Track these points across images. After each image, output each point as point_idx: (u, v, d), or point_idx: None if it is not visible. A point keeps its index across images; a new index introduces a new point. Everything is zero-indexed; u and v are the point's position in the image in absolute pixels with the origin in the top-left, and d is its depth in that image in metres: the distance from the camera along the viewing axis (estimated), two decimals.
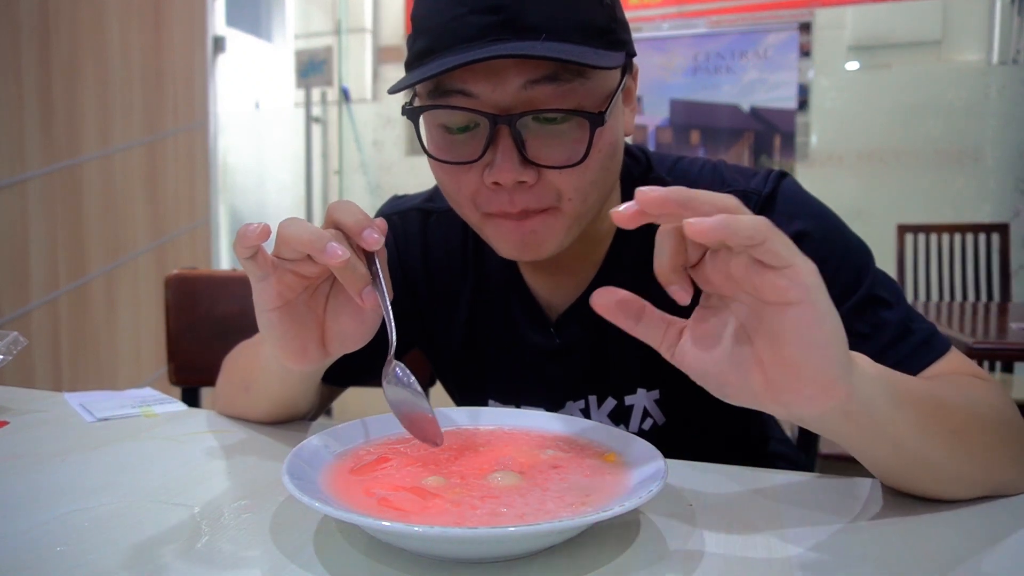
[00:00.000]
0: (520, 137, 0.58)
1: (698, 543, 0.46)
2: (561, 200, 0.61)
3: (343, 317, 0.58)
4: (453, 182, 0.63)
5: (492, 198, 0.61)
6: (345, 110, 4.02)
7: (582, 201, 0.62)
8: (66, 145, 2.73)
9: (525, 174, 0.58)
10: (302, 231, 0.50)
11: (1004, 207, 3.03)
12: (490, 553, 0.43)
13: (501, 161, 0.58)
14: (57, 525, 0.48)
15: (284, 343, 0.56)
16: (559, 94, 0.57)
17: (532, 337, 0.76)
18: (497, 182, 0.59)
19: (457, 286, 0.79)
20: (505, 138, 0.58)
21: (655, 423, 0.75)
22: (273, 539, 0.46)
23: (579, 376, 0.75)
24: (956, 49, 3.22)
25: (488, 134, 0.58)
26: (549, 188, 0.60)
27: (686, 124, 3.30)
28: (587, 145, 0.58)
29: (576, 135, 0.59)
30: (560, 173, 0.59)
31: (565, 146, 0.59)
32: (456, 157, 0.61)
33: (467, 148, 0.60)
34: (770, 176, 0.70)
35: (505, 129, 0.57)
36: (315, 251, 0.50)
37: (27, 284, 2.68)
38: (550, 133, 0.59)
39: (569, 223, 0.63)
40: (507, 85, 0.57)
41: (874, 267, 0.67)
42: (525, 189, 0.59)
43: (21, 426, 0.72)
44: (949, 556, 0.44)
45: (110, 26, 2.80)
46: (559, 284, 0.74)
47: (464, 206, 0.64)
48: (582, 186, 0.61)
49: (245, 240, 0.50)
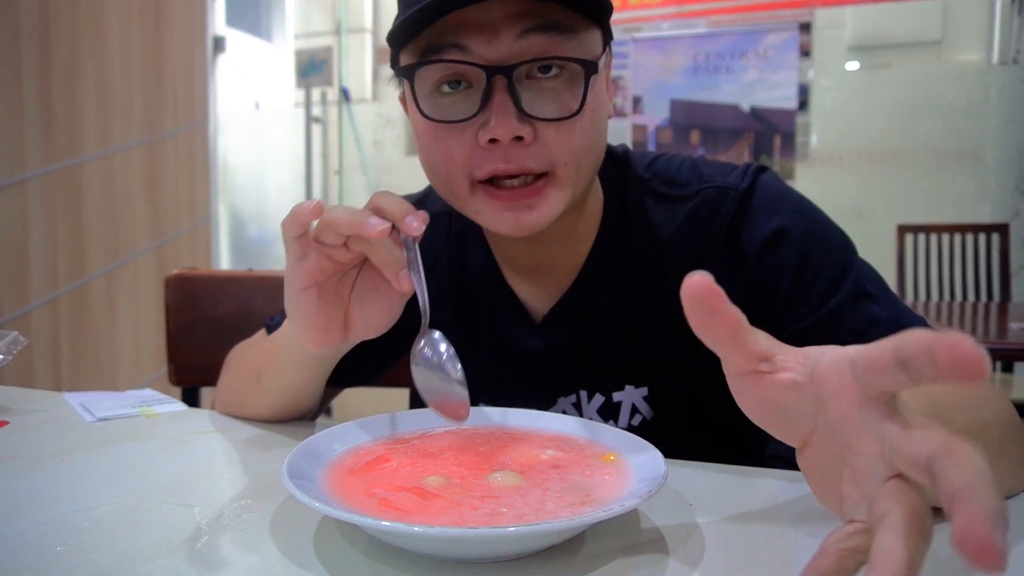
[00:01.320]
0: (516, 91, 0.58)
1: (698, 543, 0.46)
2: (556, 165, 0.61)
3: (368, 303, 0.60)
4: (444, 149, 0.61)
5: (487, 158, 0.60)
6: (345, 110, 4.02)
7: (576, 167, 0.61)
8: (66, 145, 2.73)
9: (522, 129, 0.58)
10: (347, 213, 0.52)
11: (1004, 207, 3.03)
12: (490, 553, 0.43)
13: (498, 115, 0.58)
14: (57, 525, 0.48)
15: (309, 323, 0.58)
16: (552, 45, 0.58)
17: (517, 339, 0.76)
18: (494, 138, 0.58)
19: (443, 288, 0.79)
20: (501, 92, 0.58)
21: (644, 419, 0.75)
22: (273, 539, 0.46)
23: (566, 375, 0.75)
24: (956, 49, 3.22)
25: (484, 89, 0.58)
26: (545, 148, 0.60)
27: (686, 124, 3.30)
28: (583, 96, 0.59)
29: (571, 89, 0.59)
30: (556, 131, 0.59)
31: (561, 100, 0.59)
32: (450, 117, 0.60)
33: (461, 107, 0.60)
34: (748, 171, 0.69)
35: (501, 82, 0.57)
36: (357, 227, 0.52)
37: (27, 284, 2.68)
38: (545, 88, 0.59)
39: (563, 190, 0.62)
40: (501, 37, 0.57)
41: (857, 259, 0.66)
42: (521, 147, 0.59)
43: (21, 426, 0.72)
44: (949, 556, 0.44)
45: (110, 26, 2.80)
46: (542, 286, 0.74)
47: (454, 178, 0.62)
48: (577, 147, 0.61)
49: (300, 218, 0.53)
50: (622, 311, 0.73)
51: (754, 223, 0.67)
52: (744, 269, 0.67)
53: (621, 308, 0.73)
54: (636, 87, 3.32)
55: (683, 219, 0.70)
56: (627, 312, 0.73)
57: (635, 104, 3.32)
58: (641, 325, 0.73)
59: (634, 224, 0.72)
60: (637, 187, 0.72)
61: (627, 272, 0.72)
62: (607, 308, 0.73)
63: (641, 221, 0.71)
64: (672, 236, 0.70)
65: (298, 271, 0.56)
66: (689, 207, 0.70)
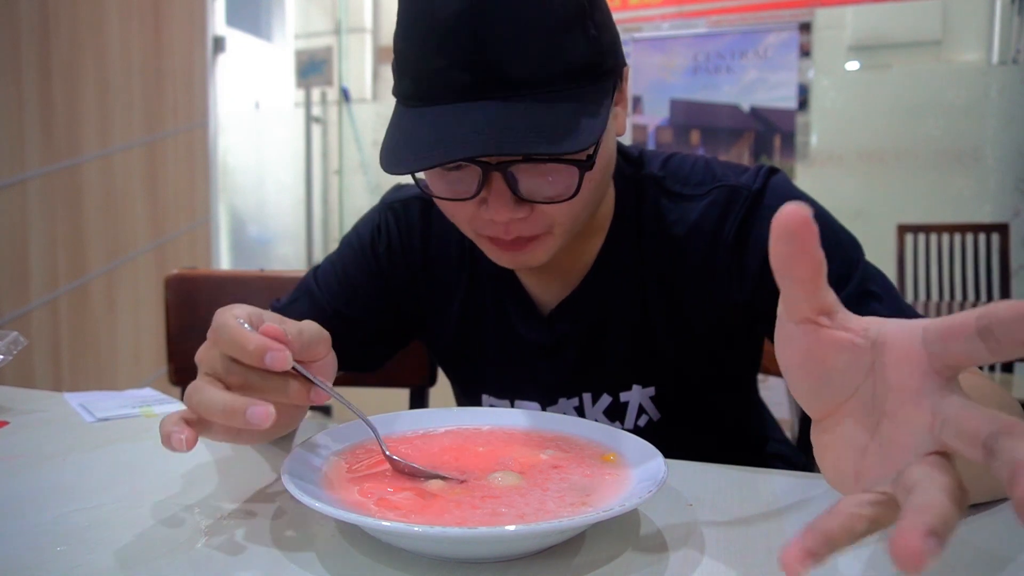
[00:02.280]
0: (513, 178, 0.59)
1: (698, 543, 0.46)
2: (553, 228, 0.64)
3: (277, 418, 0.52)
4: (450, 209, 0.65)
5: (487, 226, 0.63)
6: (345, 110, 4.02)
7: (573, 222, 0.65)
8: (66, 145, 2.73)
9: (519, 211, 0.61)
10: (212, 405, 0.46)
11: (1004, 207, 3.03)
12: (490, 553, 0.43)
13: (495, 203, 0.60)
14: (57, 525, 0.48)
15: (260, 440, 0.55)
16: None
17: (525, 332, 0.76)
18: (492, 219, 0.61)
19: (453, 278, 0.79)
20: (498, 182, 0.59)
21: (651, 419, 0.75)
22: (273, 539, 0.46)
23: (573, 372, 0.75)
24: (956, 49, 3.22)
25: (480, 179, 0.59)
26: (542, 218, 0.62)
27: (686, 124, 3.29)
28: (577, 185, 0.60)
29: (566, 173, 0.60)
30: (553, 205, 0.61)
31: (557, 183, 0.60)
32: (453, 194, 0.63)
33: (463, 186, 0.61)
34: (760, 172, 0.70)
35: (498, 175, 0.59)
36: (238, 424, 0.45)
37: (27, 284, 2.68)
38: (541, 172, 0.60)
39: (559, 242, 0.65)
40: None
41: (864, 261, 0.67)
42: (519, 221, 0.62)
43: (21, 426, 0.72)
44: (949, 555, 0.44)
45: (110, 26, 2.80)
46: (552, 280, 0.75)
47: (461, 226, 0.67)
48: (574, 212, 0.63)
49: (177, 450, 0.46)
50: (631, 308, 0.73)
51: (764, 222, 0.68)
52: (753, 267, 0.67)
53: (631, 305, 0.73)
54: (636, 87, 3.32)
55: (696, 217, 0.70)
56: (636, 309, 0.73)
57: (635, 104, 3.32)
58: (650, 323, 0.73)
59: (646, 222, 0.72)
60: (651, 185, 0.73)
61: (638, 269, 0.73)
62: (616, 304, 0.73)
63: (653, 219, 0.72)
64: (684, 235, 0.70)
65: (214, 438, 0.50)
66: (702, 206, 0.70)
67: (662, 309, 0.72)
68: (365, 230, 0.82)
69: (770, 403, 0.94)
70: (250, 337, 0.47)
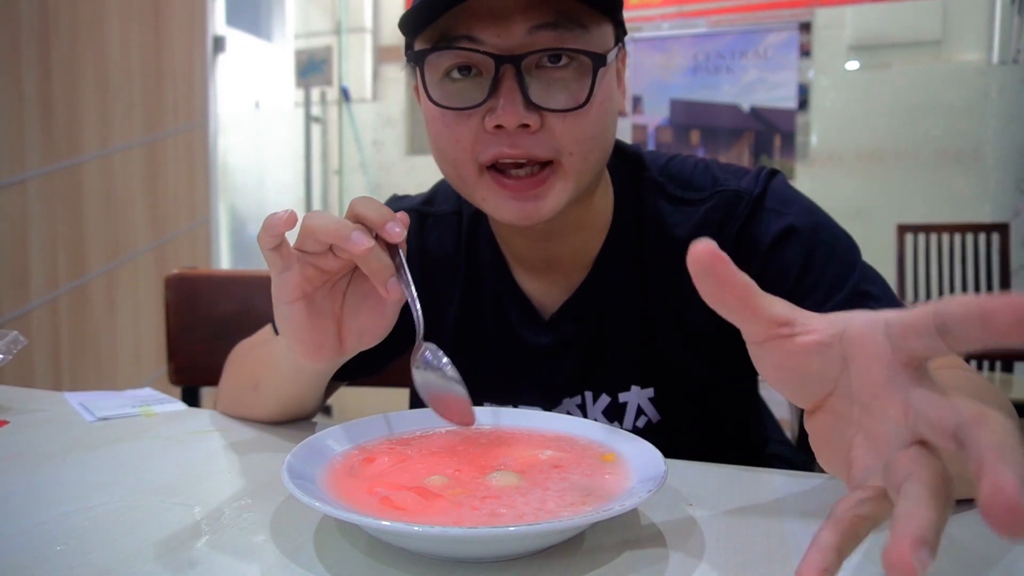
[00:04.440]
0: (524, 81, 0.58)
1: (698, 543, 0.46)
2: (561, 154, 0.61)
3: (361, 314, 0.58)
4: (452, 134, 0.62)
5: (492, 142, 0.61)
6: (345, 110, 4.02)
7: (582, 157, 0.62)
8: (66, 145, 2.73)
9: (528, 117, 0.59)
10: (327, 221, 0.51)
11: (1004, 207, 3.03)
12: (490, 553, 0.43)
13: (505, 103, 0.58)
14: (57, 525, 0.48)
15: (301, 338, 0.57)
16: (562, 39, 0.59)
17: (525, 336, 0.76)
18: (500, 125, 0.59)
19: (449, 287, 0.79)
20: (509, 80, 0.58)
21: (650, 421, 0.75)
22: (273, 539, 0.46)
23: (573, 374, 0.75)
24: (956, 49, 3.22)
25: (492, 77, 0.59)
26: (551, 136, 0.60)
27: (686, 124, 3.29)
28: (590, 88, 0.59)
29: (579, 80, 0.60)
30: (563, 120, 0.60)
31: (568, 90, 0.60)
32: (459, 103, 0.61)
33: (470, 95, 0.60)
34: (760, 175, 0.71)
35: (510, 70, 0.58)
36: (340, 239, 0.50)
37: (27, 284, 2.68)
38: (553, 79, 0.60)
39: (569, 181, 0.62)
40: (512, 30, 0.58)
41: (862, 262, 0.67)
42: (527, 134, 0.60)
43: (21, 426, 0.72)
44: (950, 555, 0.44)
45: (110, 26, 2.80)
46: (552, 283, 0.75)
47: (462, 162, 0.63)
48: (583, 137, 0.61)
49: (273, 228, 0.51)
50: (632, 311, 0.73)
51: (764, 224, 0.68)
52: (753, 268, 0.67)
53: (631, 307, 0.73)
54: (636, 87, 3.32)
55: (697, 221, 0.70)
56: (637, 312, 0.73)
57: (635, 104, 3.32)
58: (650, 325, 0.73)
59: (647, 225, 0.72)
60: (652, 189, 0.73)
61: (638, 272, 0.73)
62: (616, 307, 0.73)
63: (655, 223, 0.72)
64: (686, 238, 0.70)
65: (283, 283, 0.54)
66: (703, 210, 0.71)
67: (662, 311, 0.72)
68: None
69: (770, 403, 0.94)
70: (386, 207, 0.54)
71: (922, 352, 0.32)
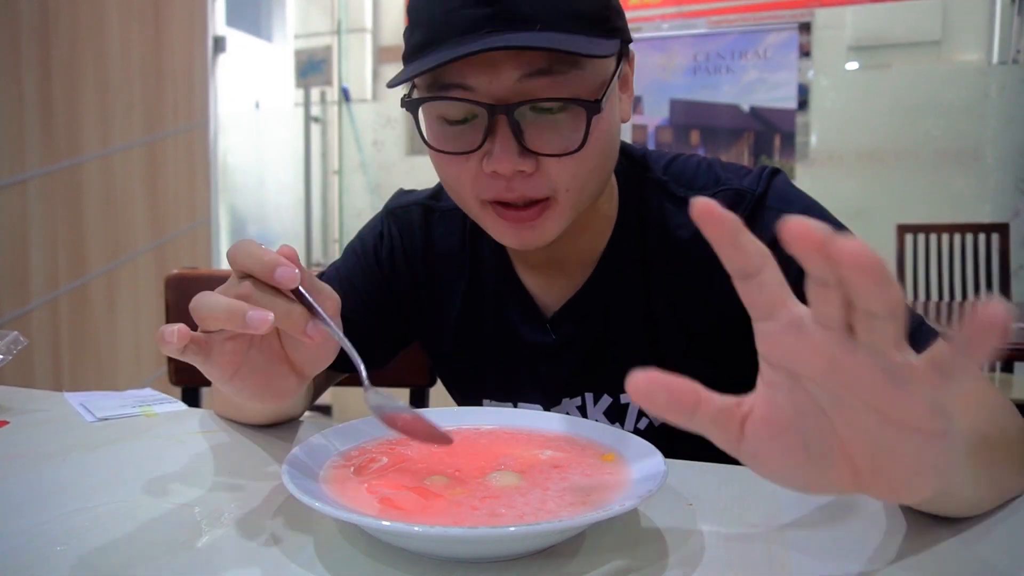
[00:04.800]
0: (518, 126, 0.59)
1: (698, 543, 0.46)
2: (558, 191, 0.62)
3: (303, 347, 0.53)
4: (453, 172, 0.64)
5: (490, 184, 0.62)
6: (345, 110, 4.02)
7: (579, 190, 0.63)
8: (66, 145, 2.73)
9: (523, 163, 0.59)
10: (215, 306, 0.46)
11: (1004, 207, 3.03)
12: (490, 553, 0.43)
13: (499, 151, 0.59)
14: (57, 525, 0.48)
15: (257, 396, 0.53)
16: (555, 84, 0.58)
17: (527, 335, 0.76)
18: (496, 171, 0.59)
19: (452, 284, 0.79)
20: (503, 128, 0.59)
21: (651, 422, 0.75)
22: (273, 539, 0.46)
23: (575, 374, 0.75)
24: (956, 49, 3.22)
25: (486, 124, 0.59)
26: (547, 177, 0.61)
27: (686, 124, 3.30)
28: (584, 133, 0.59)
29: (573, 124, 0.60)
30: (558, 162, 0.60)
31: (563, 135, 0.60)
32: (455, 148, 0.62)
33: (466, 139, 0.61)
34: (763, 174, 0.71)
35: (503, 119, 0.58)
36: (237, 326, 0.46)
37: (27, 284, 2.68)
38: (547, 123, 0.60)
39: (565, 213, 0.64)
40: (503, 77, 0.58)
41: None
42: (523, 178, 0.60)
43: (21, 426, 0.72)
44: (950, 555, 0.44)
45: (110, 26, 2.80)
46: (555, 282, 0.75)
47: (464, 196, 0.65)
48: (580, 174, 0.62)
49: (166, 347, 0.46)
50: (634, 311, 0.73)
51: (766, 223, 0.68)
52: None
53: (633, 308, 0.73)
54: (636, 87, 3.30)
55: None
56: (639, 312, 0.73)
57: (635, 104, 3.31)
58: (653, 326, 0.73)
59: (651, 226, 0.72)
60: (655, 189, 0.73)
61: (642, 272, 0.73)
62: (619, 307, 0.73)
63: (658, 223, 0.72)
64: (688, 238, 0.70)
65: (211, 370, 0.50)
66: None
67: (665, 312, 0.72)
68: (368, 237, 0.83)
69: None
70: (266, 251, 0.48)
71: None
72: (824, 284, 0.30)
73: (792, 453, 0.35)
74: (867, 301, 0.29)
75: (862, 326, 0.30)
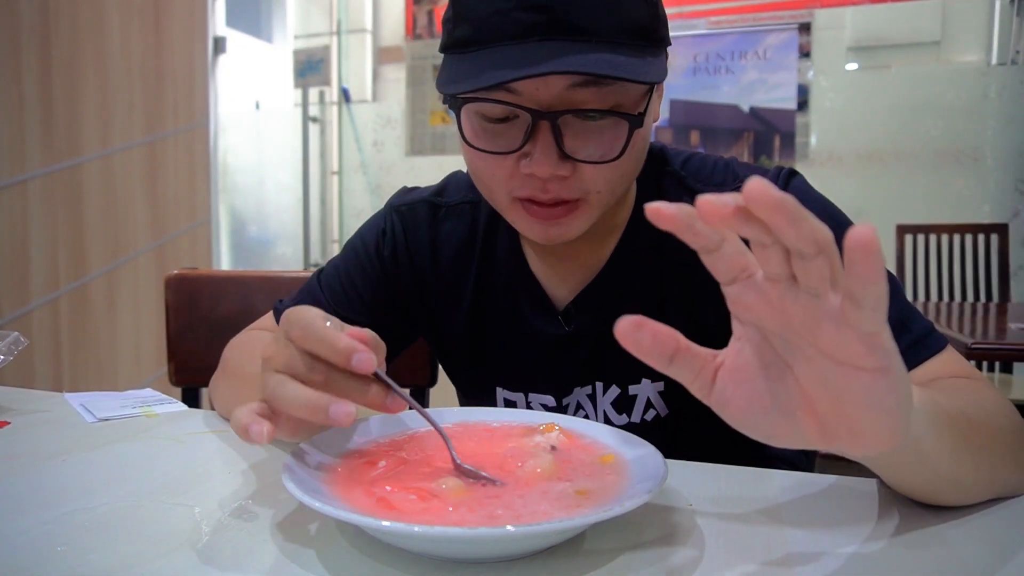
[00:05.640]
0: (559, 132, 0.59)
1: (698, 543, 0.46)
2: (589, 194, 0.63)
3: None
4: (487, 169, 0.64)
5: (525, 183, 0.62)
6: (345, 110, 4.02)
7: (610, 193, 0.64)
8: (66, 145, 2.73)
9: (562, 168, 0.60)
10: (296, 401, 0.47)
11: (1004, 207, 3.02)
12: (490, 553, 0.43)
13: (540, 155, 0.59)
14: (57, 525, 0.48)
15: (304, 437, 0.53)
16: (601, 95, 0.59)
17: (539, 326, 0.76)
18: (534, 173, 0.60)
19: (461, 278, 0.80)
20: (545, 133, 0.59)
21: (658, 414, 0.75)
22: (273, 539, 0.46)
23: (586, 364, 0.76)
24: (955, 50, 3.22)
25: (528, 127, 0.59)
26: (581, 181, 0.62)
27: (686, 124, 3.30)
28: (624, 143, 0.60)
29: (614, 134, 0.61)
30: (595, 168, 0.61)
31: (602, 143, 0.61)
32: (494, 147, 0.62)
33: (505, 138, 0.61)
34: (781, 174, 0.71)
35: (546, 125, 0.59)
36: (320, 421, 0.46)
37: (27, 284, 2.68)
38: (588, 129, 0.60)
39: (594, 213, 0.65)
40: (552, 86, 0.58)
41: None
42: (559, 180, 0.61)
43: (21, 426, 0.72)
44: (950, 554, 0.44)
45: (110, 26, 2.80)
46: (567, 274, 0.75)
47: (495, 191, 0.66)
48: (614, 179, 0.63)
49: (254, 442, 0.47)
50: (647, 302, 0.73)
51: None
52: None
53: (646, 299, 0.73)
54: None
55: None
56: (651, 304, 0.73)
57: None
58: (663, 319, 0.73)
59: None
60: (672, 182, 0.74)
61: (655, 265, 0.73)
62: (632, 298, 0.74)
63: None
64: None
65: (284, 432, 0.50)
66: None
67: (678, 304, 0.73)
68: (370, 235, 0.83)
69: None
70: (340, 336, 0.47)
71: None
72: (762, 245, 0.33)
73: (758, 401, 0.38)
74: (789, 240, 0.31)
75: (798, 270, 0.33)
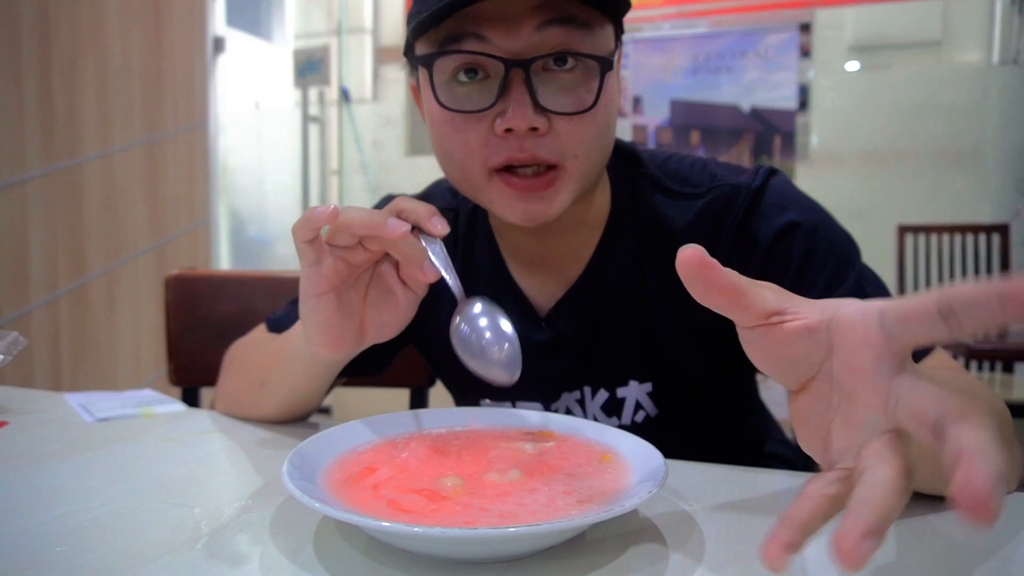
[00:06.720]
0: (533, 84, 0.59)
1: (698, 543, 0.46)
2: (566, 157, 0.62)
3: (383, 308, 0.61)
4: (460, 137, 0.63)
5: (502, 147, 0.61)
6: (345, 110, 4.02)
7: (586, 159, 0.63)
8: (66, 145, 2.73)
9: (537, 120, 0.60)
10: (362, 214, 0.53)
11: (1004, 207, 3.02)
12: (490, 553, 0.43)
13: (515, 107, 0.59)
14: (57, 525, 0.48)
15: (325, 330, 0.58)
16: (570, 38, 0.59)
17: (522, 333, 0.76)
18: (510, 128, 0.60)
19: (443, 285, 0.79)
20: (519, 84, 0.59)
21: (648, 415, 0.75)
22: (273, 539, 0.46)
23: (571, 369, 0.75)
24: (956, 49, 3.22)
25: (501, 80, 0.59)
26: (558, 140, 0.61)
27: (686, 124, 3.29)
28: (597, 91, 0.60)
29: (586, 83, 0.61)
30: (569, 123, 0.61)
31: (575, 94, 0.61)
32: (467, 107, 0.61)
33: (478, 98, 0.61)
34: (760, 171, 0.71)
35: (519, 74, 0.59)
36: (376, 229, 0.52)
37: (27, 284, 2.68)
38: (561, 82, 0.61)
39: (573, 183, 0.64)
40: (520, 29, 0.58)
41: (861, 262, 0.67)
42: (535, 137, 0.61)
43: (21, 426, 0.72)
44: (950, 555, 0.44)
45: (110, 26, 2.80)
46: (548, 279, 0.75)
47: (470, 166, 0.64)
48: (588, 139, 0.62)
49: (313, 222, 0.52)
50: (629, 305, 0.73)
51: (766, 219, 0.68)
52: (754, 263, 0.67)
53: (628, 302, 0.73)
54: (636, 87, 3.32)
55: (694, 215, 0.70)
56: (634, 306, 0.73)
57: (635, 104, 3.32)
58: (648, 319, 0.73)
59: (643, 219, 0.72)
60: (648, 183, 0.73)
61: (635, 266, 0.73)
62: (614, 301, 0.73)
63: (651, 216, 0.72)
64: (683, 231, 0.70)
65: (314, 276, 0.56)
66: (701, 204, 0.71)
67: (661, 305, 0.72)
68: None
69: (770, 403, 0.94)
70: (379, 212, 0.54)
71: (921, 337, 0.32)
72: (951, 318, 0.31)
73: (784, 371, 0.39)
74: None
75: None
